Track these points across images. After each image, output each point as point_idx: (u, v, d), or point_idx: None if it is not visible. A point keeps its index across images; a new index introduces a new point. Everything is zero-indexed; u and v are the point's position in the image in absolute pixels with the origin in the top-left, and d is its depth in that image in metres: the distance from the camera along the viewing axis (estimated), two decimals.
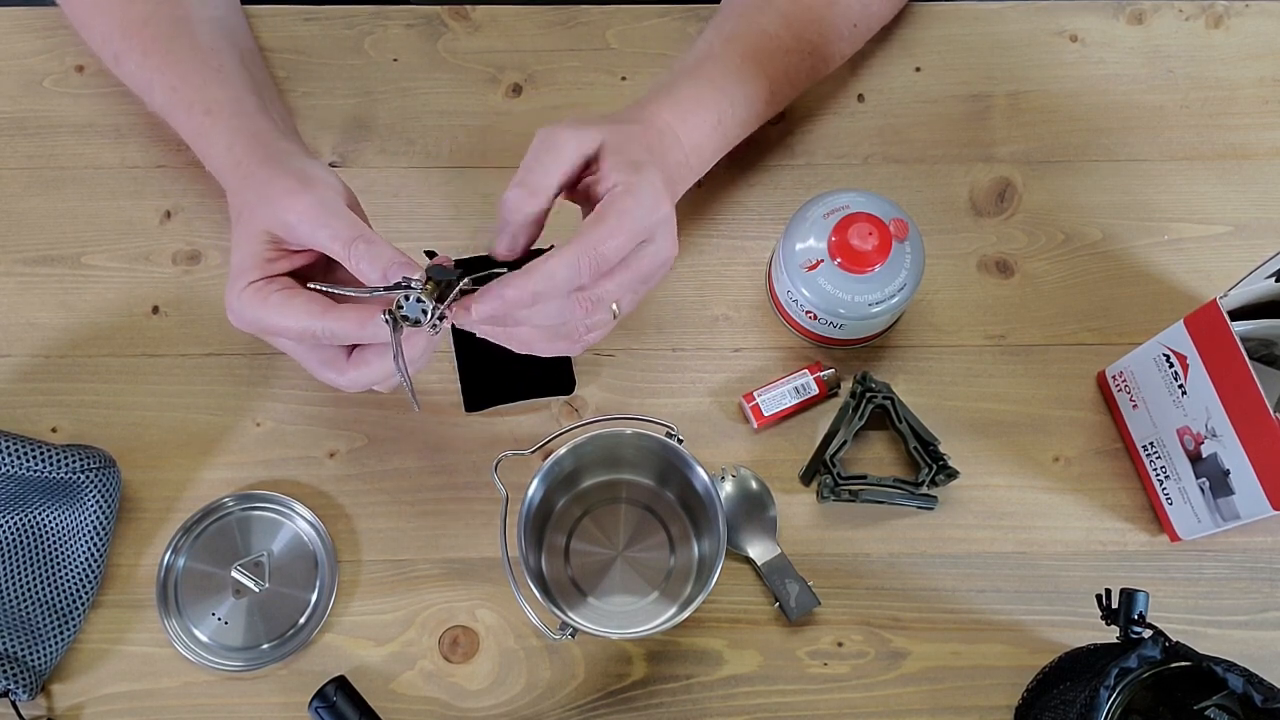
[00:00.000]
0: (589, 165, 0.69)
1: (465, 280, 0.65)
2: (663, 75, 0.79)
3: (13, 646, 0.73)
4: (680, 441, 0.74)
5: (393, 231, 0.84)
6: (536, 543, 0.76)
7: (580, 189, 0.71)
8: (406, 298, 0.63)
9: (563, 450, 0.74)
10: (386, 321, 0.63)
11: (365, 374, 0.69)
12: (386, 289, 0.64)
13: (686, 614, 0.71)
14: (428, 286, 0.63)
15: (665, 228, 0.69)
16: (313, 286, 0.68)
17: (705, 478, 0.74)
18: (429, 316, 0.63)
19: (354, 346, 0.70)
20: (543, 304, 0.66)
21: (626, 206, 0.66)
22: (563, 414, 0.82)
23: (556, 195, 0.69)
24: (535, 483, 0.73)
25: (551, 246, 0.83)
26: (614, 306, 0.69)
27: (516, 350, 0.71)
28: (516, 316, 0.67)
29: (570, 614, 0.72)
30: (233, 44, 0.81)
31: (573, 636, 0.71)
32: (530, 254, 0.83)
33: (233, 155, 0.73)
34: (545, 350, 0.71)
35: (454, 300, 0.64)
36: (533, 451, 0.76)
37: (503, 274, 0.66)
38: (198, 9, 0.81)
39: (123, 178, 0.86)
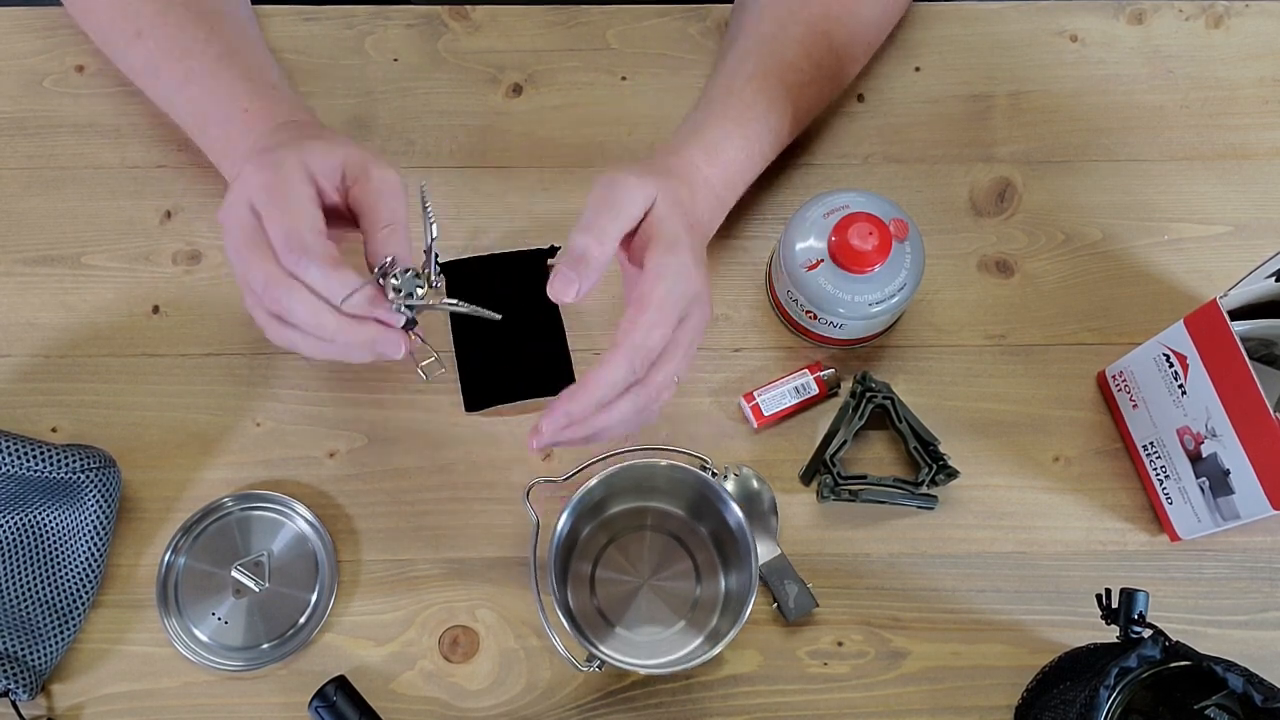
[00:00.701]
0: (647, 221, 0.69)
1: (462, 307, 0.67)
2: (689, 114, 0.80)
3: (13, 646, 0.73)
4: (715, 475, 0.74)
5: None
6: (562, 571, 0.76)
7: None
8: (404, 271, 0.65)
9: (593, 481, 0.73)
10: (376, 277, 0.65)
11: (298, 340, 0.68)
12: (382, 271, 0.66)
13: (718, 649, 0.70)
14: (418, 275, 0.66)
15: (700, 300, 0.69)
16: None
17: (739, 514, 0.73)
18: (410, 298, 0.65)
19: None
20: (609, 409, 0.67)
21: (663, 295, 0.67)
22: None
23: (617, 242, 0.69)
24: (564, 516, 0.73)
25: (553, 247, 0.84)
26: (674, 379, 0.70)
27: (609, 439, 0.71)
28: (592, 425, 0.67)
29: (599, 646, 0.71)
30: (264, 41, 0.83)
31: (599, 669, 0.71)
32: (526, 256, 0.83)
33: (297, 119, 0.74)
34: (628, 430, 0.70)
35: (425, 296, 0.66)
36: (565, 479, 0.75)
37: (495, 316, 0.67)
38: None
39: (123, 178, 0.86)
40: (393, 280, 0.65)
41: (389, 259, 0.65)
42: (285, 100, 0.77)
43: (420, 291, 0.66)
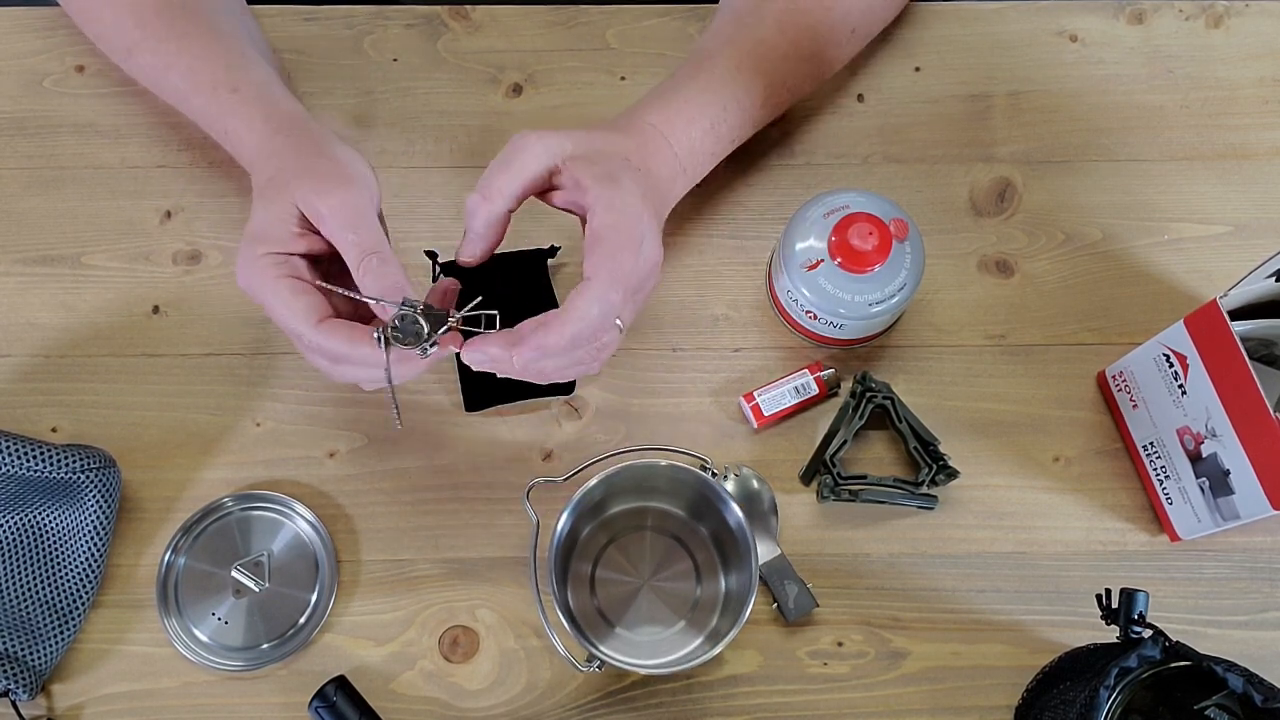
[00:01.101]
0: (557, 172, 0.70)
1: (455, 317, 0.67)
2: (657, 83, 0.79)
3: (13, 646, 0.73)
4: (715, 475, 0.74)
5: (393, 232, 0.83)
6: (562, 571, 0.76)
7: (557, 196, 0.71)
8: (403, 318, 0.66)
9: (593, 481, 0.73)
10: (377, 339, 0.65)
11: (351, 373, 0.70)
12: (383, 301, 0.66)
13: (718, 649, 0.70)
14: (419, 315, 0.66)
15: (651, 235, 0.69)
16: (320, 285, 0.68)
17: (739, 514, 0.73)
18: (420, 340, 0.66)
19: None
20: (579, 345, 0.67)
21: (613, 223, 0.67)
22: (563, 414, 0.82)
23: (518, 201, 0.70)
24: (564, 516, 0.73)
25: (553, 247, 0.84)
26: (618, 323, 0.69)
27: (535, 381, 0.72)
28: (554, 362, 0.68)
29: (599, 646, 0.71)
30: (249, 34, 0.82)
31: (599, 669, 0.71)
32: (526, 256, 0.83)
33: (268, 128, 0.73)
34: (563, 377, 0.71)
35: (445, 332, 0.67)
36: (565, 479, 0.75)
37: (493, 313, 0.68)
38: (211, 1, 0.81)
39: (123, 178, 0.86)
40: (395, 334, 0.66)
41: (384, 327, 0.66)
42: (248, 112, 0.75)
43: (424, 329, 0.66)
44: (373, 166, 0.72)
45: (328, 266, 0.70)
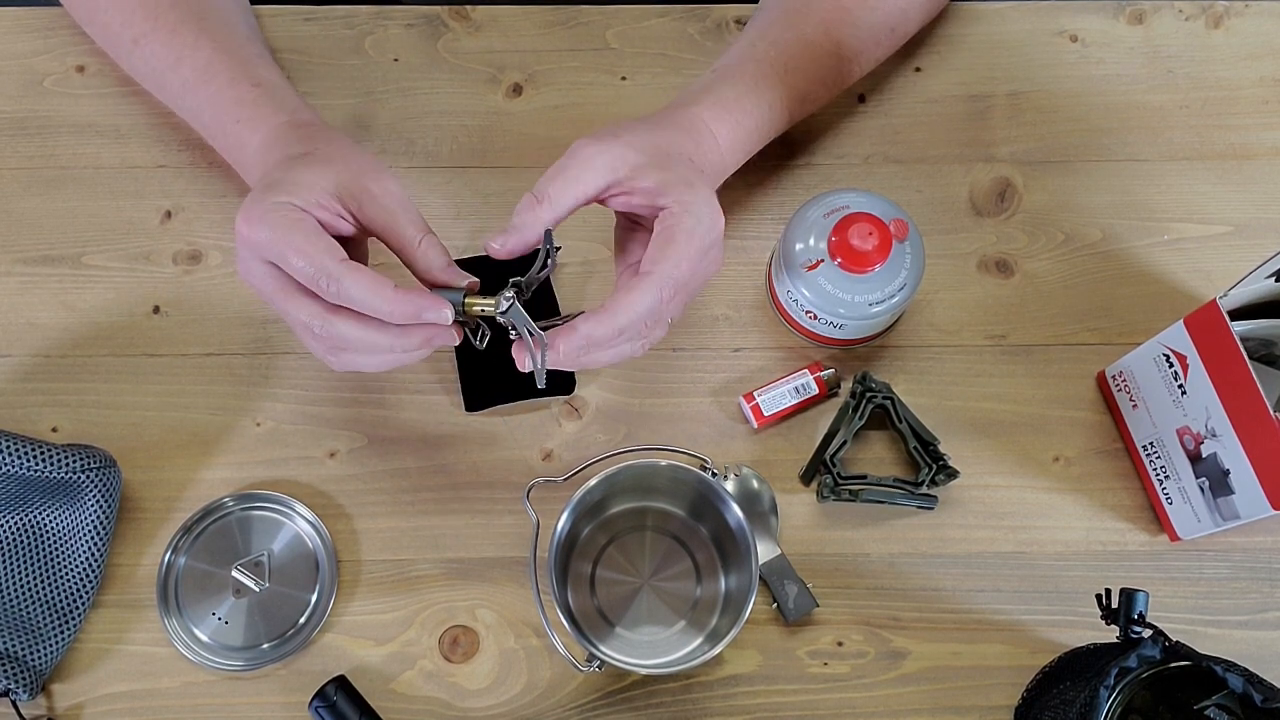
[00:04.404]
0: (621, 184, 0.69)
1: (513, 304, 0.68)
2: (703, 75, 0.79)
3: (13, 646, 0.73)
4: (715, 475, 0.74)
5: None
6: (562, 571, 0.76)
7: (619, 206, 0.70)
8: (505, 296, 0.67)
9: (593, 481, 0.73)
10: (460, 320, 0.68)
11: (353, 360, 0.69)
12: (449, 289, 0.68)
13: (718, 649, 0.70)
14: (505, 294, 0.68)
15: (718, 243, 0.69)
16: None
17: (739, 514, 0.73)
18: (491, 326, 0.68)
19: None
20: (626, 337, 0.67)
21: (690, 227, 0.67)
22: (563, 414, 0.82)
23: (570, 213, 0.69)
24: (564, 516, 0.73)
25: (559, 248, 0.84)
26: (669, 318, 0.70)
27: (573, 370, 0.72)
28: (602, 352, 0.68)
29: (599, 646, 0.71)
30: (258, 35, 0.82)
31: (599, 669, 0.71)
32: (526, 256, 0.83)
33: (292, 121, 0.73)
34: (609, 363, 0.71)
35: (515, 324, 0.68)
36: (565, 479, 0.75)
37: (561, 319, 0.70)
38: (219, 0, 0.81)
39: (123, 178, 0.86)
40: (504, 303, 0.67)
41: (516, 284, 0.68)
42: (270, 105, 0.75)
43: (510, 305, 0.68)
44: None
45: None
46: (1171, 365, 0.73)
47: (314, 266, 0.63)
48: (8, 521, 0.76)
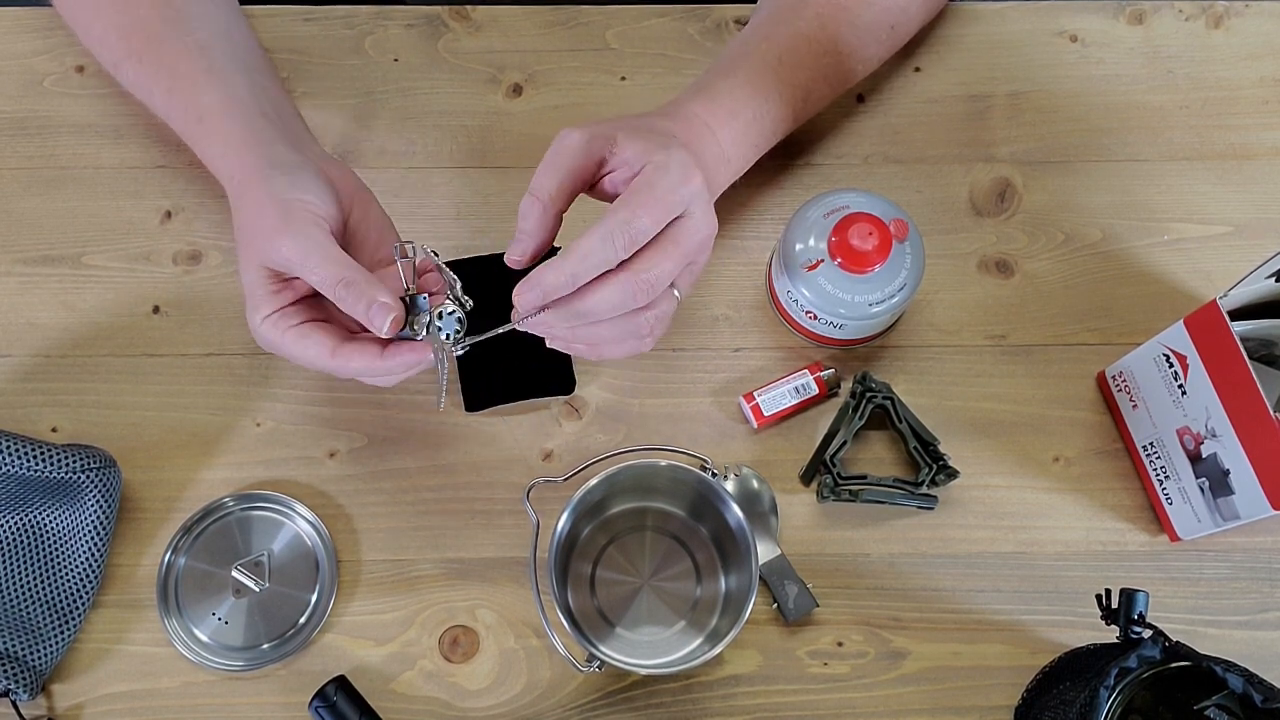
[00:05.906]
0: (606, 162, 0.69)
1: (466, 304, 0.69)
2: (699, 76, 0.79)
3: (13, 646, 0.73)
4: (715, 475, 0.74)
5: None
6: (562, 572, 0.76)
7: (608, 186, 0.70)
8: (439, 315, 0.68)
9: (593, 481, 0.73)
10: (423, 338, 0.69)
11: (352, 370, 0.70)
12: (406, 302, 0.68)
13: (718, 649, 0.70)
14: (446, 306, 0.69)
15: (699, 201, 0.67)
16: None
17: (739, 514, 0.73)
18: (451, 337, 0.69)
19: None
20: (593, 291, 0.65)
21: (654, 179, 0.66)
22: (563, 414, 0.82)
23: (567, 199, 0.68)
24: (564, 516, 0.73)
25: (553, 248, 0.84)
26: (675, 292, 0.69)
27: (587, 356, 0.71)
28: (578, 311, 0.66)
29: (599, 646, 0.71)
30: (229, 42, 0.80)
31: (599, 669, 0.71)
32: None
33: (226, 166, 0.73)
34: (618, 352, 0.71)
35: (466, 333, 0.69)
36: (565, 479, 0.75)
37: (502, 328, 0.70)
38: (192, 8, 0.80)
39: (123, 178, 0.86)
40: (436, 324, 0.69)
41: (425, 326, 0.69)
42: (218, 147, 0.74)
43: (459, 330, 0.69)
44: (341, 167, 0.74)
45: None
46: (1171, 365, 0.73)
47: (318, 368, 0.69)
48: (8, 521, 0.76)
